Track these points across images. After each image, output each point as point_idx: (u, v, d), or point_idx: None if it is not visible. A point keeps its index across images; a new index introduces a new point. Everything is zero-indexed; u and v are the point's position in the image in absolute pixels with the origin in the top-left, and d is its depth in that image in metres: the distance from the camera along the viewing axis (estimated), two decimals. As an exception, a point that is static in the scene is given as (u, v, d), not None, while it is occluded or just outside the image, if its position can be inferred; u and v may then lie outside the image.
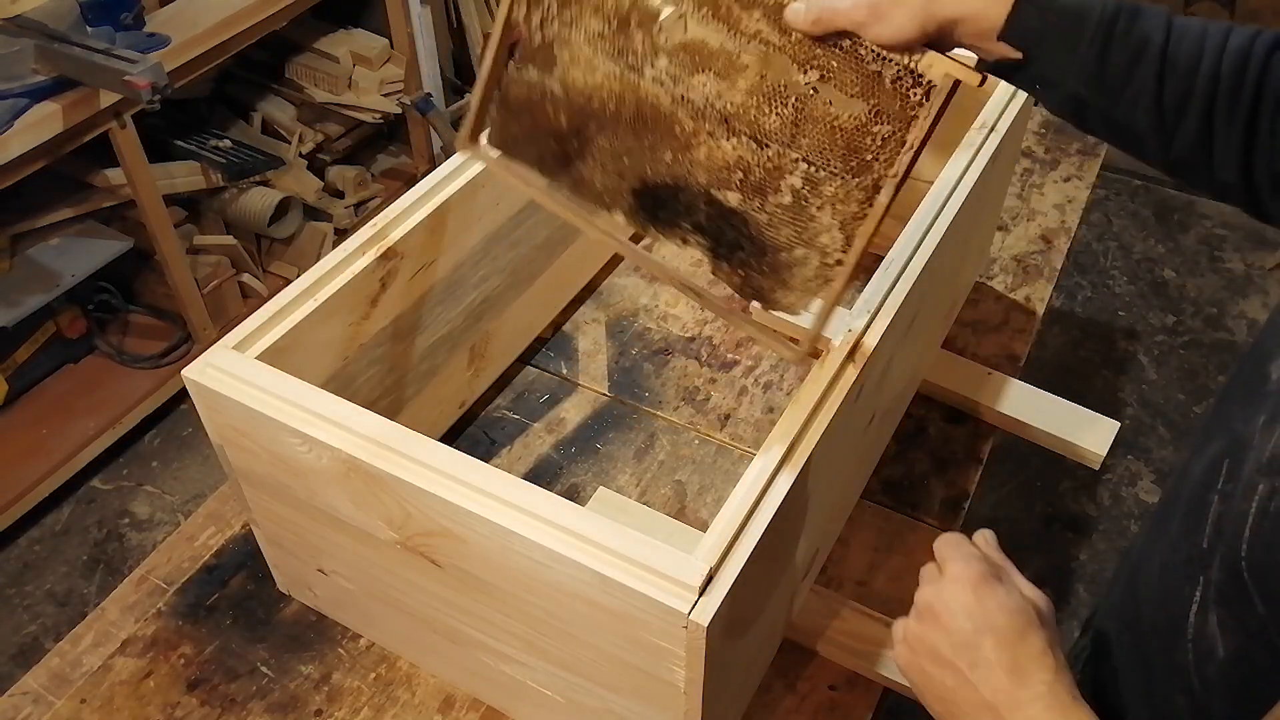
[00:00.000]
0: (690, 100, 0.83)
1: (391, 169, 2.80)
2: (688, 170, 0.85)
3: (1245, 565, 0.53)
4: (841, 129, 0.77)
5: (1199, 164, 0.68)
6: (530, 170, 0.94)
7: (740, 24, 0.79)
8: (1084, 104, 0.71)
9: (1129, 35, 0.68)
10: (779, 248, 0.83)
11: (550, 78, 0.89)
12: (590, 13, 0.85)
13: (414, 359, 1.10)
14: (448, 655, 0.95)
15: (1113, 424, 1.25)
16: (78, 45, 1.77)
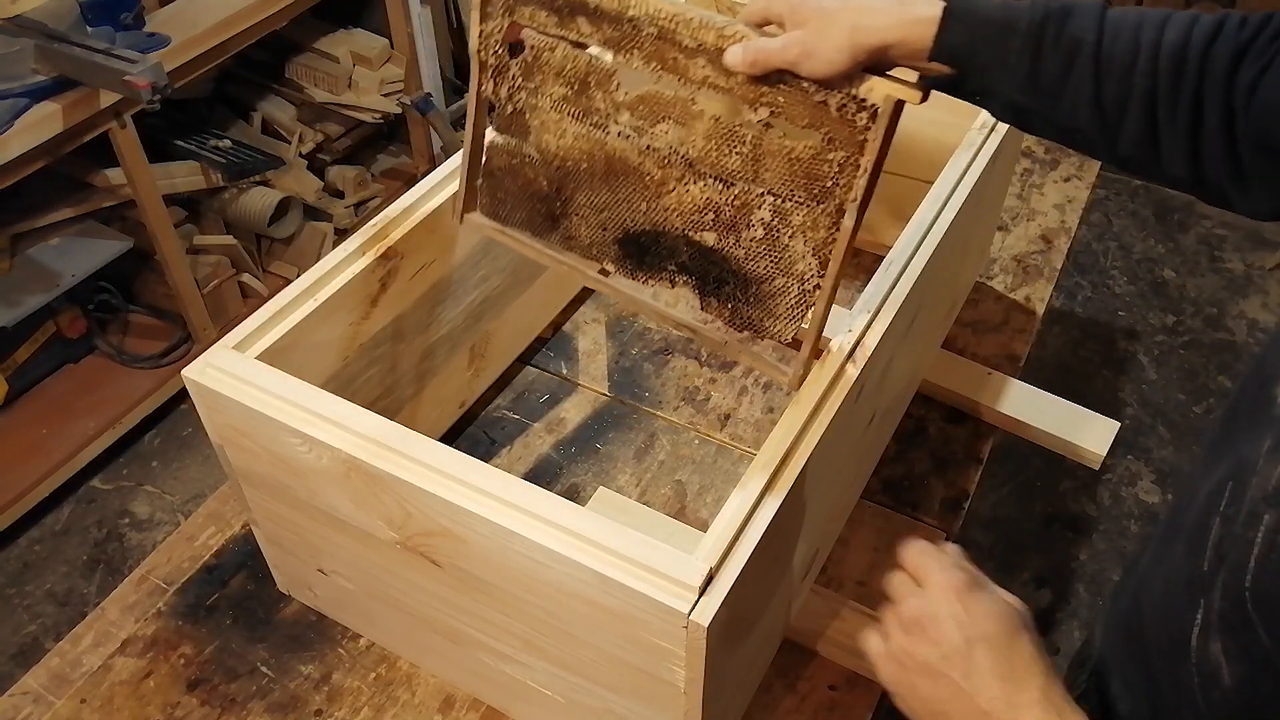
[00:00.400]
0: (655, 150, 0.88)
1: (391, 169, 2.80)
2: (664, 216, 0.90)
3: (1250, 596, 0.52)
4: (799, 159, 0.80)
5: (1147, 160, 0.68)
6: (523, 233, 1.00)
7: (688, 72, 0.83)
8: (1024, 110, 0.71)
9: (1060, 39, 0.68)
10: (760, 279, 0.87)
11: (526, 143, 0.95)
12: (552, 79, 0.91)
13: (414, 359, 1.10)
14: (448, 655, 0.95)
15: (1113, 424, 1.25)
16: (78, 45, 1.77)
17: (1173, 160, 0.66)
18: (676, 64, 0.83)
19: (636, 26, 0.84)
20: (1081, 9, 0.69)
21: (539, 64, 0.92)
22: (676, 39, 0.82)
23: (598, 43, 0.87)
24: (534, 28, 0.91)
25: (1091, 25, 0.68)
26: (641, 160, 0.89)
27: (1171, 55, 0.65)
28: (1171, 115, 0.65)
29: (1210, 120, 0.64)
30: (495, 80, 0.95)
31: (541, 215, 0.98)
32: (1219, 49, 0.64)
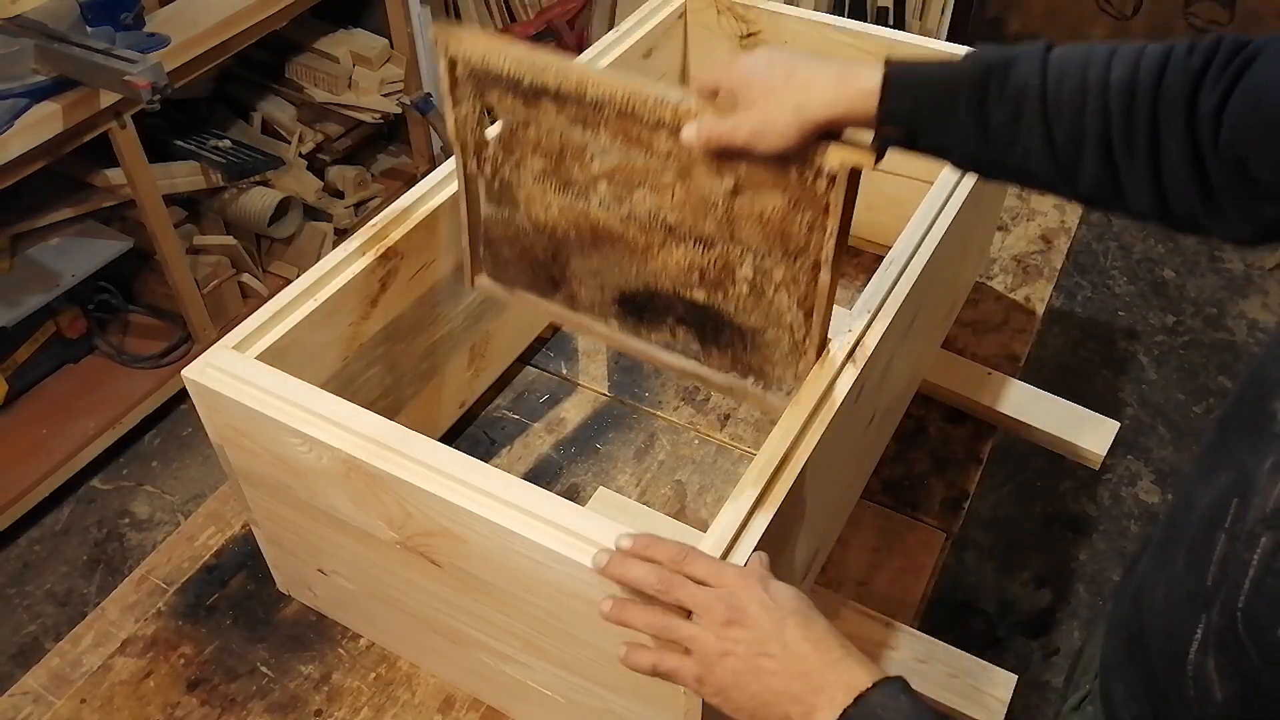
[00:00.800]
0: (636, 216, 0.91)
1: (391, 169, 2.79)
2: (654, 277, 0.94)
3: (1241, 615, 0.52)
4: (770, 221, 0.83)
5: (1110, 196, 0.68)
6: (529, 294, 1.05)
7: (653, 145, 0.86)
8: (980, 162, 0.73)
9: (1005, 89, 0.69)
10: (754, 330, 0.91)
11: (518, 214, 0.99)
12: (530, 154, 0.94)
13: (414, 359, 1.10)
14: (448, 655, 0.95)
15: (1113, 424, 1.25)
16: (78, 45, 1.77)
17: (1137, 195, 0.67)
18: (641, 138, 0.86)
19: (598, 106, 0.87)
20: (1023, 56, 0.70)
21: (516, 142, 0.94)
22: (637, 116, 0.85)
23: (566, 121, 0.90)
24: (503, 111, 0.93)
25: (1035, 71, 0.68)
26: (624, 228, 0.93)
27: (1122, 93, 0.65)
28: (1129, 151, 0.66)
29: (1172, 152, 0.64)
30: (478, 159, 0.98)
31: (543, 279, 1.03)
32: (1171, 80, 0.64)
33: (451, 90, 0.94)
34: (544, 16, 2.88)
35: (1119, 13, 2.87)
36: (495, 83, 0.92)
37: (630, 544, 0.70)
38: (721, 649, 0.65)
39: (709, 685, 0.66)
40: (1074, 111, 0.67)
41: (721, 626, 0.65)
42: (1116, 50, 0.67)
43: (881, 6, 2.87)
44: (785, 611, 0.65)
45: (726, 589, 0.67)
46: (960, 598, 2.03)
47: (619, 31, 1.31)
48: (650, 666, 0.68)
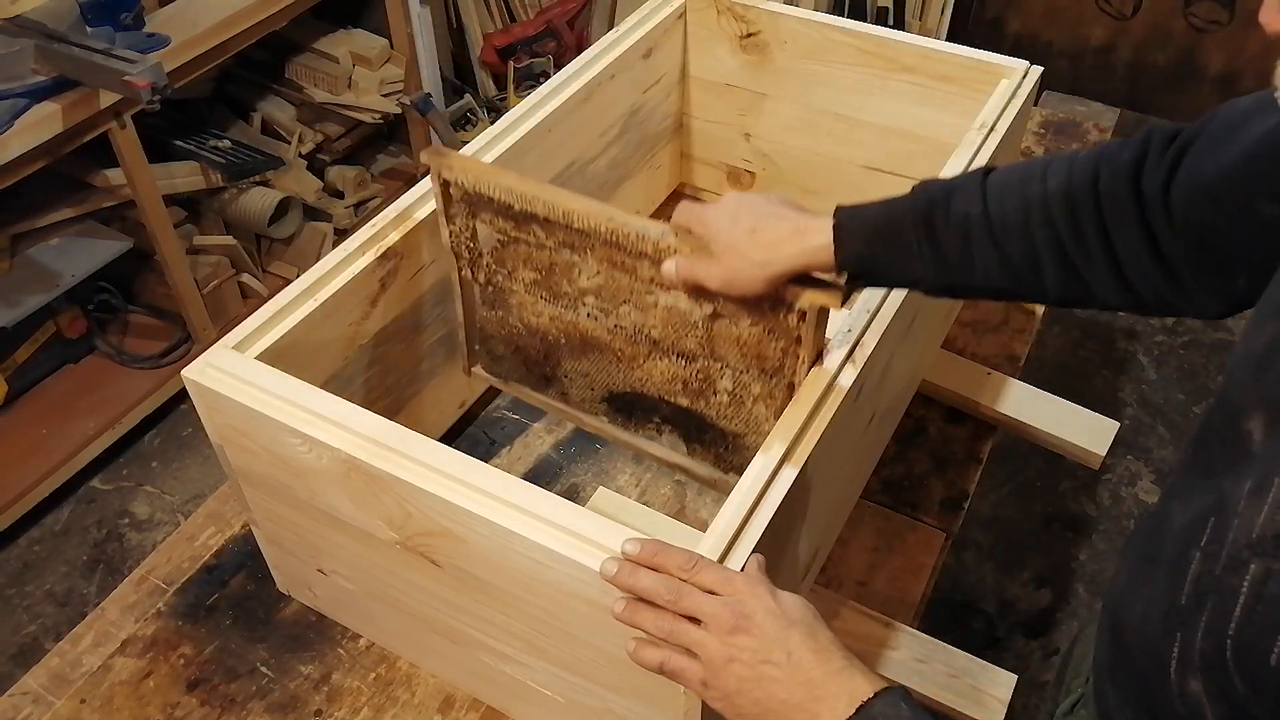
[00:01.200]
0: (622, 328, 0.97)
1: (391, 169, 2.79)
2: (640, 383, 1.00)
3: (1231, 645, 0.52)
4: (746, 344, 0.89)
5: (1082, 296, 0.72)
6: (523, 388, 1.11)
7: (636, 272, 0.92)
8: (948, 287, 0.77)
9: (949, 220, 0.73)
10: (734, 434, 0.97)
11: (511, 317, 1.05)
12: (521, 266, 1.00)
13: (414, 359, 1.10)
14: (448, 655, 0.95)
15: (1113, 424, 1.25)
16: (78, 45, 1.77)
17: (1104, 291, 0.70)
18: (625, 265, 0.92)
19: (584, 234, 0.92)
20: (962, 185, 0.74)
21: (507, 255, 1.00)
22: (621, 246, 0.90)
23: (554, 244, 0.96)
24: (495, 229, 0.99)
25: (975, 198, 0.72)
26: (611, 338, 0.99)
27: (1061, 201, 0.69)
28: (1084, 253, 0.69)
29: (1127, 244, 0.68)
30: (472, 268, 1.04)
31: (536, 375, 1.09)
32: (1107, 178, 0.68)
33: (446, 208, 1.00)
34: (544, 16, 2.88)
35: (1119, 13, 2.87)
36: (486, 205, 0.97)
37: (637, 550, 0.70)
38: (727, 655, 0.65)
39: (713, 690, 0.66)
40: (1020, 229, 0.71)
41: (728, 634, 0.66)
42: (1050, 162, 0.72)
43: (881, 6, 2.87)
44: (791, 621, 0.66)
45: (734, 597, 0.67)
46: (960, 598, 2.03)
47: (619, 31, 1.31)
48: (658, 664, 0.69)
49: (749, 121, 1.44)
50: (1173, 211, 0.66)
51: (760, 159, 1.46)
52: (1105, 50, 2.95)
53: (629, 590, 0.69)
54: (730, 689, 0.66)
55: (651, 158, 1.45)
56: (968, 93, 1.23)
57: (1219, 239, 0.65)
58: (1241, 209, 0.63)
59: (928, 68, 1.25)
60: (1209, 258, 0.66)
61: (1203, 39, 2.80)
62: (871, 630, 1.00)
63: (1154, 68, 2.91)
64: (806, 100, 1.37)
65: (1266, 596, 0.50)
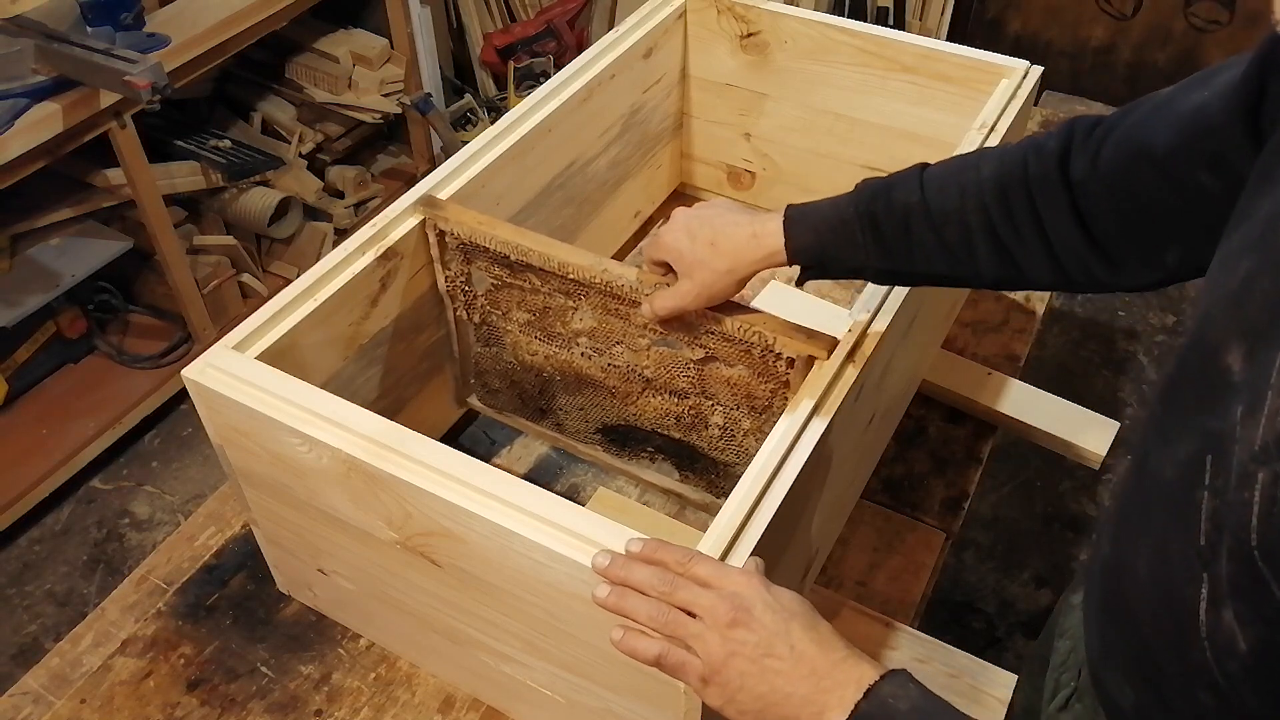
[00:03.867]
0: (615, 367, 1.01)
1: (391, 169, 2.79)
2: (634, 417, 1.04)
3: (1259, 554, 0.52)
4: (737, 385, 0.94)
5: (1014, 277, 0.78)
6: (518, 418, 1.15)
7: (631, 317, 0.97)
8: (892, 273, 0.83)
9: (890, 210, 0.79)
10: (727, 464, 1.01)
11: (505, 353, 1.09)
12: (515, 308, 1.04)
13: (414, 359, 1.10)
14: (448, 655, 0.95)
15: (1113, 424, 1.25)
16: (78, 45, 1.77)
17: (1036, 271, 0.76)
18: (619, 311, 0.97)
19: (578, 283, 0.97)
20: (901, 179, 0.80)
21: (501, 298, 1.05)
22: (614, 294, 0.95)
23: (548, 290, 1.00)
24: (490, 275, 1.03)
25: (914, 189, 0.78)
26: (605, 376, 1.03)
27: (994, 187, 0.75)
28: (1016, 236, 0.75)
29: (1058, 225, 0.73)
30: (468, 310, 1.08)
31: (531, 408, 1.13)
32: (1035, 164, 0.73)
33: (441, 254, 1.04)
34: (544, 16, 2.88)
35: (1119, 13, 2.87)
36: (481, 254, 1.01)
37: (637, 548, 0.70)
38: (727, 650, 0.65)
39: (714, 686, 0.66)
40: (956, 214, 0.76)
41: (726, 627, 0.65)
42: (983, 154, 0.78)
43: (881, 6, 2.87)
44: (790, 613, 0.66)
45: (730, 590, 0.67)
46: (960, 598, 2.03)
47: (619, 31, 1.31)
48: (654, 656, 0.68)
49: (749, 121, 1.44)
50: (1101, 192, 0.71)
51: (760, 159, 1.46)
52: (1105, 50, 2.95)
53: (621, 582, 0.69)
54: (732, 684, 0.65)
55: (652, 158, 1.45)
56: (968, 93, 1.23)
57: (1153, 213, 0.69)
58: (1177, 181, 0.66)
59: (928, 68, 1.25)
60: (1141, 234, 0.70)
61: (1203, 39, 2.80)
62: (871, 630, 1.00)
63: (1154, 68, 2.91)
64: (806, 100, 1.37)
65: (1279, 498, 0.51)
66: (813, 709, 0.63)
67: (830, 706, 0.62)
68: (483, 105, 2.94)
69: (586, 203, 1.32)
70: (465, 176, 1.07)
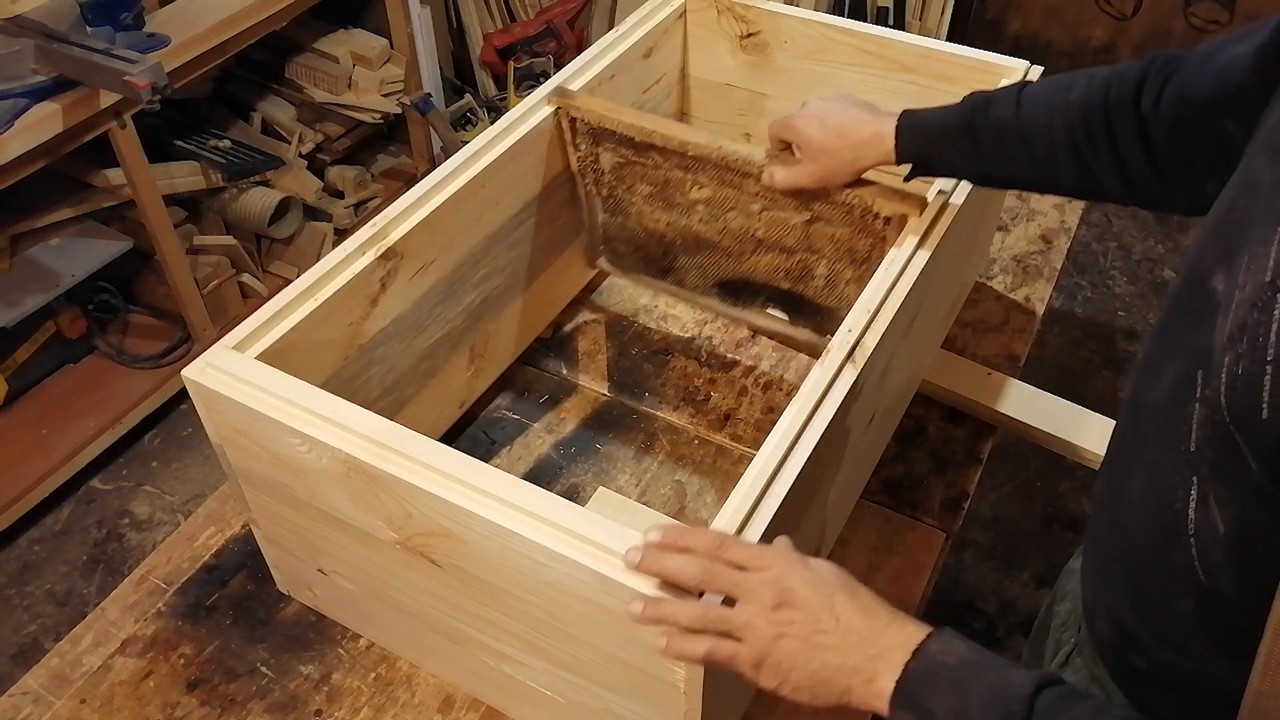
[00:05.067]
0: (730, 230, 1.13)
1: (391, 169, 2.79)
2: (748, 273, 1.17)
3: (1231, 428, 0.55)
4: (839, 241, 1.05)
5: (1087, 187, 0.87)
6: (642, 277, 1.28)
7: (743, 187, 1.08)
8: (985, 177, 0.95)
9: (988, 123, 0.90)
10: (831, 309, 1.12)
11: (630, 221, 1.22)
12: (639, 182, 1.17)
13: (414, 359, 1.10)
14: (448, 655, 0.95)
15: (1112, 424, 1.25)
16: (78, 45, 1.77)
17: (1108, 181, 0.85)
18: (732, 182, 1.08)
19: (697, 159, 1.08)
20: (1001, 95, 0.90)
21: (626, 174, 1.17)
22: (729, 167, 1.06)
23: (669, 166, 1.12)
24: (617, 155, 1.15)
25: (1011, 103, 0.89)
26: (720, 238, 1.15)
27: (1081, 107, 0.84)
28: (1094, 149, 0.84)
29: (1127, 144, 0.82)
30: (595, 184, 1.20)
31: (654, 268, 1.26)
32: (1115, 91, 0.82)
33: (572, 138, 1.16)
34: (544, 16, 2.88)
35: (1119, 13, 2.87)
36: (609, 136, 1.14)
37: (660, 537, 0.70)
38: (775, 632, 0.65)
39: (767, 669, 0.66)
40: (1046, 130, 0.86)
41: (771, 610, 0.66)
42: (1074, 78, 0.87)
43: (881, 6, 2.87)
44: (831, 586, 0.66)
45: (769, 572, 0.67)
46: (960, 598, 2.03)
47: (619, 31, 1.31)
48: (703, 654, 0.67)
49: (749, 121, 1.44)
50: (1160, 124, 0.80)
51: (760, 159, 1.46)
52: (1105, 50, 2.94)
53: (658, 575, 0.69)
54: (784, 664, 0.65)
55: (651, 158, 1.45)
56: (968, 93, 1.23)
57: (1194, 149, 0.78)
58: (1211, 125, 0.74)
59: (928, 68, 1.25)
60: (1187, 163, 0.79)
61: (1203, 39, 2.80)
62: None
63: (1154, 68, 2.91)
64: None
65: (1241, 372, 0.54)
66: (864, 676, 0.64)
67: (881, 671, 0.63)
68: (483, 105, 2.94)
69: (586, 203, 1.32)
70: (467, 175, 1.07)
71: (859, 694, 0.64)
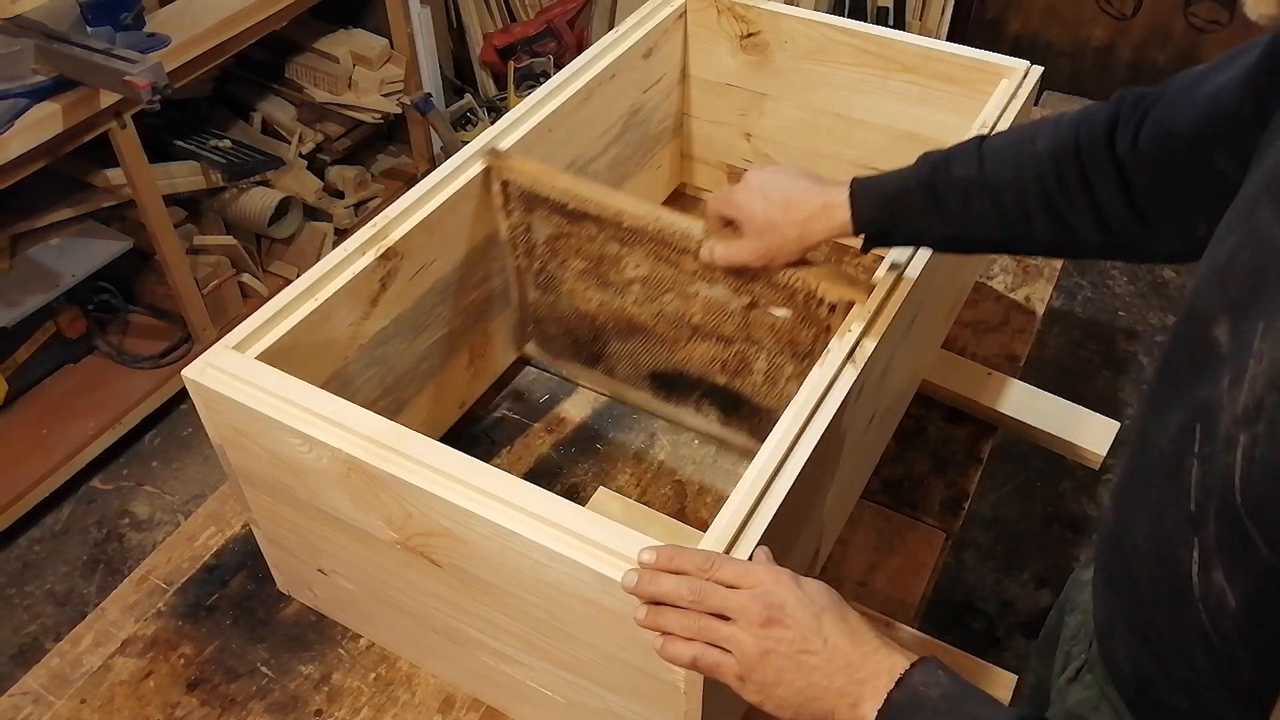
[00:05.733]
0: (665, 315, 1.06)
1: (391, 169, 2.79)
2: (682, 363, 1.08)
3: (1244, 512, 0.54)
4: (780, 330, 0.98)
5: (1066, 242, 0.81)
6: (571, 365, 1.20)
7: (680, 264, 1.01)
8: (951, 240, 0.88)
9: (950, 180, 0.83)
10: (770, 410, 1.03)
11: (561, 301, 1.14)
12: (573, 256, 1.09)
13: (414, 359, 1.10)
14: (448, 655, 0.95)
15: (1113, 424, 1.25)
16: (78, 45, 1.77)
17: (1086, 232, 0.79)
18: (670, 259, 1.01)
19: (633, 231, 1.01)
20: (960, 152, 0.84)
21: (559, 246, 1.09)
22: (666, 242, 1.00)
23: (604, 239, 1.05)
24: (550, 224, 1.08)
25: (972, 161, 0.83)
26: (655, 322, 1.07)
27: (1050, 155, 0.79)
28: (1069, 201, 0.78)
29: (1104, 192, 0.77)
30: (527, 257, 1.13)
31: (585, 354, 1.17)
32: (1086, 135, 0.77)
33: (504, 205, 1.09)
34: (544, 16, 2.88)
35: (1119, 13, 2.87)
36: (543, 203, 1.06)
37: (653, 558, 0.70)
38: (763, 648, 0.66)
39: (751, 683, 0.66)
40: (1013, 183, 0.80)
41: (760, 626, 0.66)
42: (1038, 125, 0.82)
43: (881, 6, 2.87)
44: (821, 607, 0.67)
45: (760, 588, 0.67)
46: (960, 598, 2.03)
47: (619, 31, 1.31)
48: (690, 660, 0.68)
49: (749, 121, 1.44)
50: (1141, 165, 0.75)
51: (760, 159, 1.46)
52: (1105, 50, 2.94)
53: (651, 597, 0.69)
54: (769, 680, 0.66)
55: (651, 158, 1.45)
56: (968, 93, 1.23)
57: (1181, 188, 0.73)
58: (1199, 161, 0.70)
59: (928, 68, 1.25)
60: (1173, 206, 0.74)
61: (1203, 39, 2.80)
62: (871, 630, 1.00)
63: (1154, 68, 2.90)
64: (806, 100, 1.37)
65: (1258, 457, 0.53)
66: (848, 700, 0.64)
67: (865, 697, 0.64)
68: (483, 105, 2.94)
69: (586, 203, 1.32)
70: (467, 175, 1.07)
71: (841, 717, 0.64)
